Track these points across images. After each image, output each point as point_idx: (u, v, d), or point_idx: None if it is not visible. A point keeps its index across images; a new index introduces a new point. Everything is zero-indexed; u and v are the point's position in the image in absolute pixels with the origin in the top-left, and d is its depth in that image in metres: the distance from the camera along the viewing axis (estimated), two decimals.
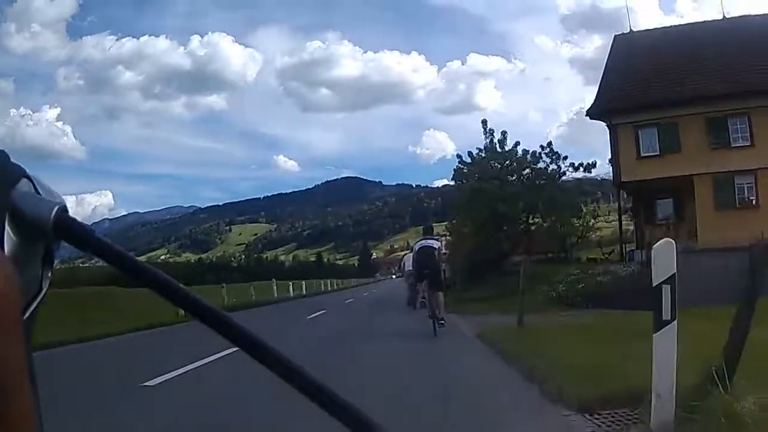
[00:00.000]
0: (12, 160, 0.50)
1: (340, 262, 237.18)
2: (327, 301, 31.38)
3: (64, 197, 0.53)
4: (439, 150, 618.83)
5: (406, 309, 20.43)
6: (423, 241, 13.31)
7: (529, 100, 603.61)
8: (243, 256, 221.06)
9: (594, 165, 26.14)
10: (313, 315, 19.54)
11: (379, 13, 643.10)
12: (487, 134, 26.49)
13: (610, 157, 25.36)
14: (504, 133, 26.68)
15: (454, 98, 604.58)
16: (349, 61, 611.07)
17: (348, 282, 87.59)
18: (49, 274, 0.52)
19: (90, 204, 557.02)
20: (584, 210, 30.00)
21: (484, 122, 26.74)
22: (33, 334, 0.50)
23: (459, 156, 27.74)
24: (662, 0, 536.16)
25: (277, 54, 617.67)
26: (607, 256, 27.82)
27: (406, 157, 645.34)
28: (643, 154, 24.74)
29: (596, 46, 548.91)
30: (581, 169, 26.16)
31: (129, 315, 17.82)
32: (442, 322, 12.31)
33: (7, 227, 0.47)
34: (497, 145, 26.40)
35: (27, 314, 0.48)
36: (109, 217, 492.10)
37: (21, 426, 0.44)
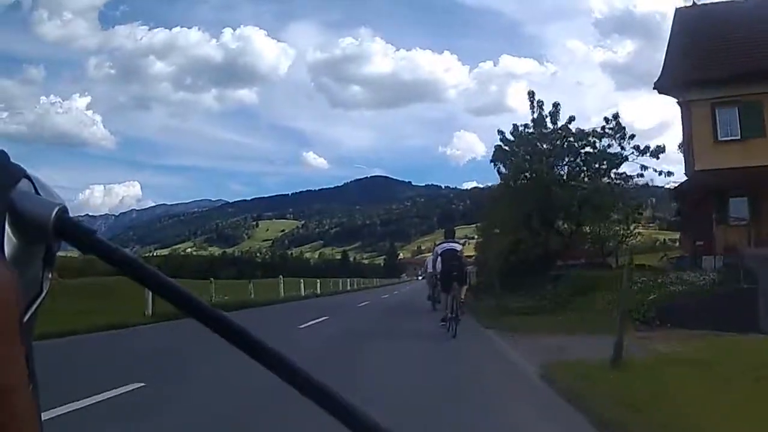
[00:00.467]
0: (42, 147, 0.48)
1: (366, 262, 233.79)
2: (338, 304, 27.57)
3: (92, 186, 0.50)
4: (469, 151, 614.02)
5: (429, 318, 16.99)
6: (446, 244, 13.63)
7: (561, 103, 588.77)
8: (269, 252, 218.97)
9: (663, 150, 21.30)
10: (309, 323, 15.68)
11: (412, 12, 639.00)
12: (535, 107, 22.13)
13: (680, 141, 21.00)
14: (556, 105, 22.25)
15: (485, 99, 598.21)
16: (380, 58, 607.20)
17: (371, 282, 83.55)
18: (50, 275, 0.51)
19: (118, 194, 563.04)
20: (638, 211, 25.03)
21: (531, 94, 22.33)
22: (33, 335, 0.49)
23: (500, 132, 23.15)
24: None
25: (308, 49, 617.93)
26: (671, 260, 23.38)
27: (436, 157, 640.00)
28: (720, 138, 20.46)
29: (628, 51, 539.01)
30: (647, 154, 21.38)
31: (105, 309, 16.55)
32: (462, 302, 13.23)
33: (7, 228, 0.46)
34: (548, 119, 22.03)
35: (28, 316, 0.48)
36: (137, 208, 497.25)
37: (20, 428, 0.44)
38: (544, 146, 21.25)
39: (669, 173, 20.85)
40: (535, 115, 21.76)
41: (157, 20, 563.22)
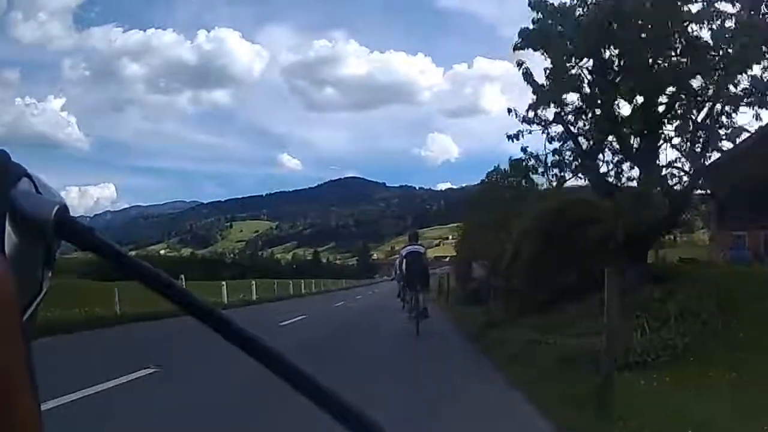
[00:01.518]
0: (18, 149, 0.50)
1: (338, 262, 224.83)
2: (260, 320, 17.61)
3: (67, 188, 0.49)
4: (443, 153, 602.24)
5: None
6: (410, 247, 14.23)
7: None
8: (238, 254, 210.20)
9: None
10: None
11: (386, 14, 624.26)
12: None
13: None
14: None
15: (460, 101, 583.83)
16: (355, 60, 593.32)
17: (338, 283, 74.78)
18: (50, 274, 0.51)
19: (92, 196, 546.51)
20: None
21: None
22: (33, 334, 0.48)
23: None
24: None
25: (283, 51, 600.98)
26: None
27: (411, 158, 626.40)
28: None
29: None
30: None
31: None
32: (425, 310, 13.14)
33: (7, 227, 0.46)
34: None
35: (27, 315, 0.47)
36: (111, 210, 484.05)
37: (21, 428, 0.43)
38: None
39: None
40: None
41: (131, 22, 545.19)
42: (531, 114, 12.46)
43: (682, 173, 11.63)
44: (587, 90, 11.74)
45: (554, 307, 10.56)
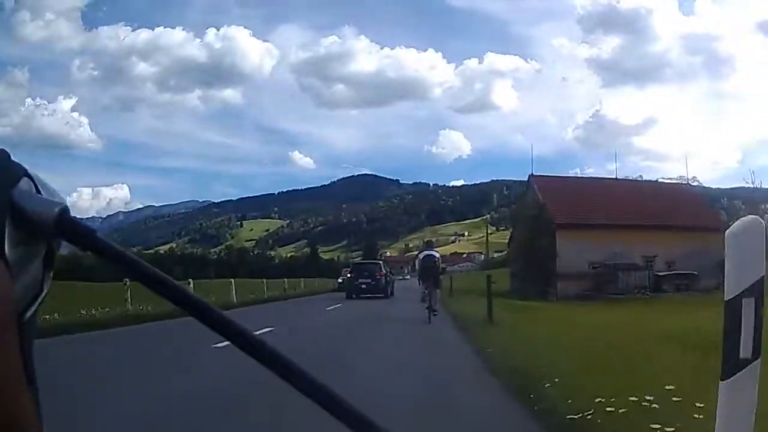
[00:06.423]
0: (29, 150, 0.47)
1: (341, 259, 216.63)
2: None
3: (79, 189, 0.49)
4: (455, 150, 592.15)
5: None
6: (426, 251, 17.40)
7: (545, 100, 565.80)
8: (225, 251, 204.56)
9: None
10: None
11: (396, 10, 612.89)
12: None
13: None
14: None
15: (470, 97, 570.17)
16: (365, 57, 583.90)
17: (321, 285, 58.64)
18: (51, 275, 0.51)
19: (106, 197, 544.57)
20: None
21: None
22: (34, 335, 0.49)
23: None
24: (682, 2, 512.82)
25: (293, 48, 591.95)
26: None
27: (423, 155, 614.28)
28: None
29: (613, 46, 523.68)
30: None
31: None
32: (436, 312, 15.85)
33: (7, 227, 0.46)
34: None
35: (28, 315, 0.48)
36: (124, 210, 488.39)
37: (16, 430, 0.43)
38: None
39: None
40: None
41: (139, 20, 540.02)
42: None
43: None
44: None
45: None
